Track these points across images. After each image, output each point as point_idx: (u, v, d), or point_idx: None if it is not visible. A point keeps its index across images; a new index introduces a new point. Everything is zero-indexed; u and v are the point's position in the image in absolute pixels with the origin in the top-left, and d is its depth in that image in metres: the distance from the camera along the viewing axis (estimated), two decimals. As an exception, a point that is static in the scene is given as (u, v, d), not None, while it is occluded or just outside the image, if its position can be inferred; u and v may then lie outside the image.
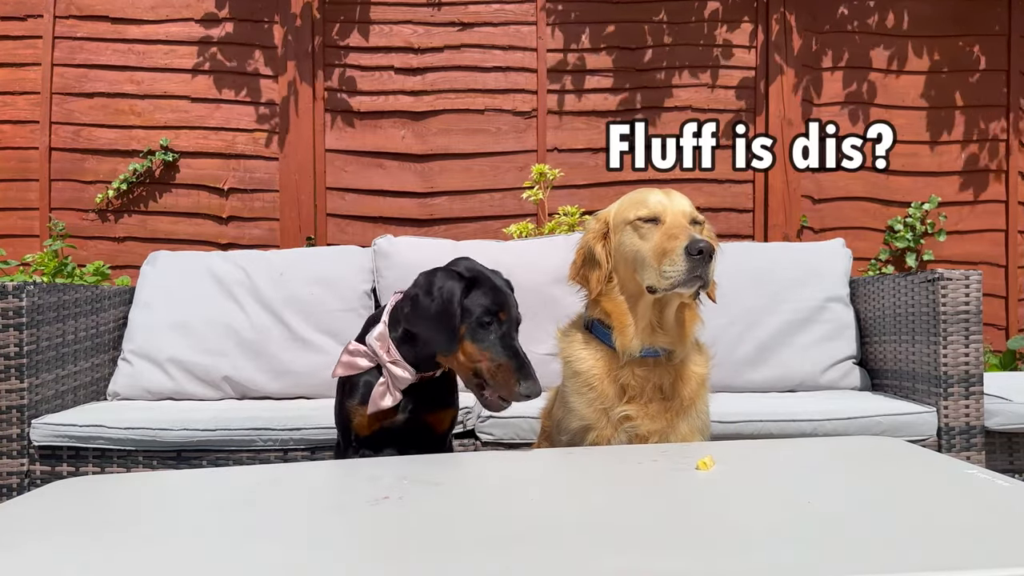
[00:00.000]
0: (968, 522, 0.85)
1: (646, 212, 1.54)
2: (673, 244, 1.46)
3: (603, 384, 1.58)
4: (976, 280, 2.21)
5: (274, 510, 1.07)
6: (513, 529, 0.85)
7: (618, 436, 1.57)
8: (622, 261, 1.57)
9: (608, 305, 1.59)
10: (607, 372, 1.58)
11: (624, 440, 1.57)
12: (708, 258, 1.43)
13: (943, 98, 3.79)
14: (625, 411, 1.55)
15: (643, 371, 1.56)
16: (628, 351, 1.55)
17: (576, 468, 1.18)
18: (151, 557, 0.81)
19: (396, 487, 1.07)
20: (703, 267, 1.43)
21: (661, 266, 1.46)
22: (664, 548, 0.77)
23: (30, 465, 2.19)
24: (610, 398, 1.57)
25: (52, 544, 0.87)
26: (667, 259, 1.45)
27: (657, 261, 1.47)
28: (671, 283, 1.45)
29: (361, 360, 1.61)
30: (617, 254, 1.58)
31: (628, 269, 1.56)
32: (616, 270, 1.59)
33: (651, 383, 1.55)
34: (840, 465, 1.25)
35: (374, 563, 0.77)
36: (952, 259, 3.75)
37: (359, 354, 1.61)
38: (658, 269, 1.47)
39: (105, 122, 3.74)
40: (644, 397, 1.55)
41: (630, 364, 1.56)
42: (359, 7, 3.78)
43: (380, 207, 3.75)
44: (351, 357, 1.62)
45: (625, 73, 3.78)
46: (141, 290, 2.77)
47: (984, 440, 2.19)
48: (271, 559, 0.80)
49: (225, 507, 1.06)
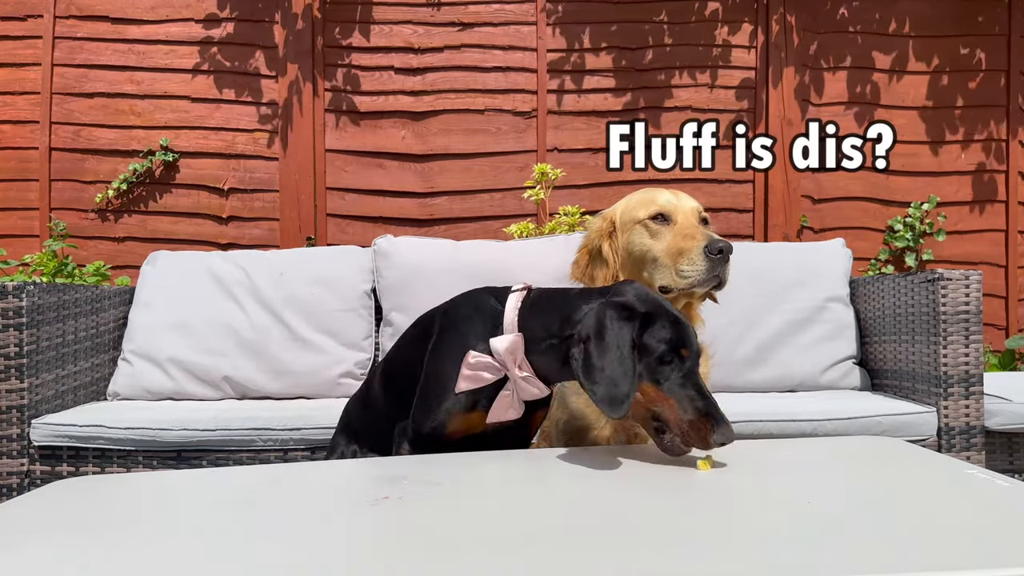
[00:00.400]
0: (968, 522, 0.85)
1: (656, 210, 1.54)
2: (690, 244, 1.46)
3: None
4: (976, 280, 2.21)
5: (274, 510, 1.07)
6: (513, 529, 0.85)
7: (617, 436, 1.57)
8: (630, 260, 1.57)
9: None
10: None
11: (623, 440, 1.57)
12: (726, 258, 1.44)
13: (943, 98, 3.79)
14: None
15: None
16: None
17: (576, 468, 1.18)
18: (151, 557, 0.81)
19: (396, 487, 1.07)
20: (721, 267, 1.44)
21: (678, 265, 1.46)
22: (664, 548, 0.77)
23: (30, 465, 2.19)
24: None
25: (52, 544, 0.87)
26: (684, 259, 1.45)
27: (672, 260, 1.47)
28: (689, 283, 1.45)
29: (486, 374, 1.42)
30: (625, 253, 1.58)
31: (636, 268, 1.56)
32: (622, 268, 1.59)
33: None
34: (840, 465, 1.25)
35: (374, 563, 0.77)
36: (952, 259, 3.75)
37: (482, 367, 1.42)
38: (674, 268, 1.47)
39: (105, 122, 3.74)
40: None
41: None
42: (360, 7, 3.78)
43: (380, 207, 3.75)
44: (474, 371, 1.42)
45: (625, 73, 3.78)
46: (141, 290, 2.77)
47: (984, 440, 2.19)
48: (271, 559, 0.80)
49: (225, 507, 1.06)
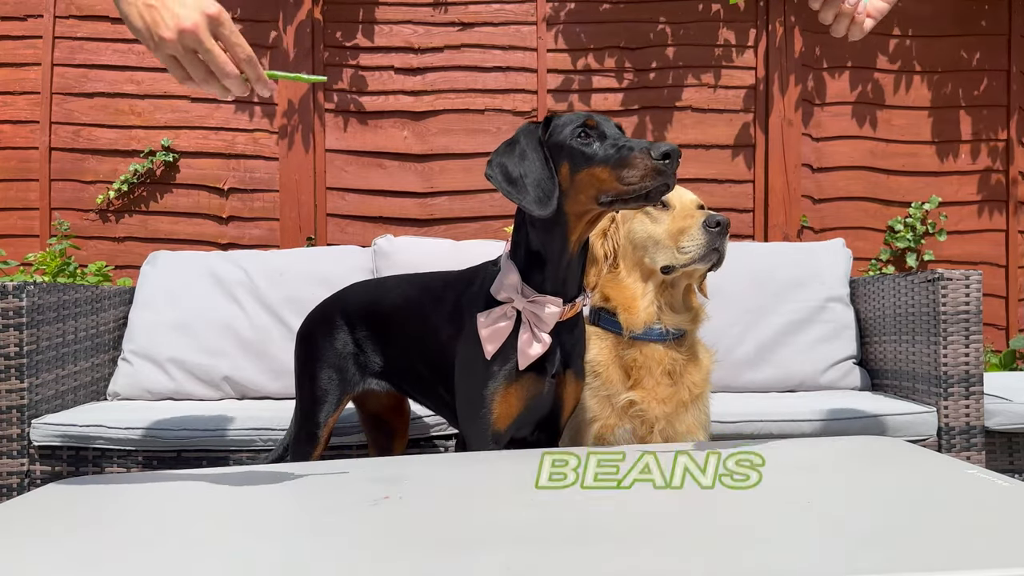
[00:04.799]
0: (968, 522, 0.85)
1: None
2: (689, 222, 1.52)
3: (609, 370, 1.59)
4: (976, 280, 2.21)
5: (274, 510, 1.07)
6: (514, 529, 0.85)
7: (623, 424, 1.57)
8: (631, 247, 1.62)
9: (609, 290, 1.62)
10: (613, 357, 1.59)
11: (629, 427, 1.57)
12: (725, 231, 1.50)
13: (943, 98, 3.79)
14: (630, 396, 1.56)
15: (652, 351, 1.57)
16: (634, 326, 1.56)
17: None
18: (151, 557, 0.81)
19: (396, 487, 1.07)
20: (720, 240, 1.49)
21: (679, 243, 1.52)
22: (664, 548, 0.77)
23: (30, 465, 2.19)
24: (615, 384, 1.58)
25: (51, 544, 0.87)
26: (685, 236, 1.51)
27: (673, 240, 1.53)
28: (690, 257, 1.51)
29: (501, 323, 1.37)
30: (626, 241, 1.63)
31: (638, 254, 1.60)
32: (624, 257, 1.63)
33: (661, 367, 1.56)
34: (840, 465, 1.25)
35: (374, 563, 0.77)
36: (952, 259, 3.75)
37: (496, 319, 1.37)
38: (675, 247, 1.52)
39: (105, 122, 3.74)
40: (652, 379, 1.56)
41: (638, 344, 1.57)
42: (361, 8, 3.78)
43: (380, 207, 3.75)
44: (493, 326, 1.37)
45: (626, 73, 3.78)
46: (141, 290, 2.77)
47: (984, 440, 2.19)
48: (271, 559, 0.80)
49: (225, 507, 1.06)
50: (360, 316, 1.76)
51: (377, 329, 1.74)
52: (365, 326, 1.75)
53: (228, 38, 1.07)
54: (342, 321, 1.77)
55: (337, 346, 1.74)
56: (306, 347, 1.79)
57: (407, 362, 1.70)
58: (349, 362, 1.74)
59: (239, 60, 1.08)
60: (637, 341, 1.57)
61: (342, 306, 1.81)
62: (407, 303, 1.71)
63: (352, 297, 1.83)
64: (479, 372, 1.41)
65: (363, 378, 1.74)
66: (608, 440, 1.59)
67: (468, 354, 1.45)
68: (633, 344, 1.57)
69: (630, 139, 1.31)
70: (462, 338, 1.49)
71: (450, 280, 1.65)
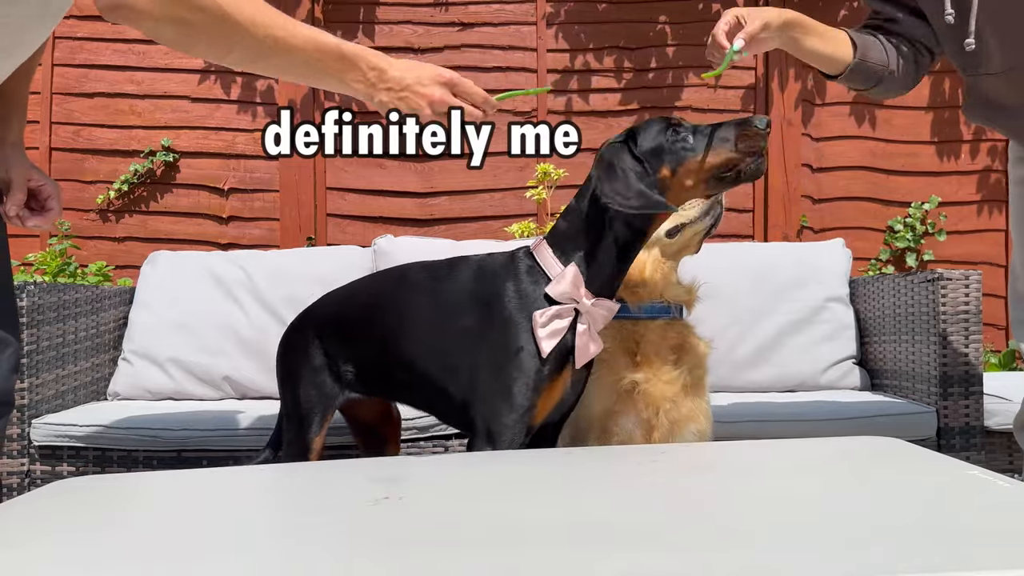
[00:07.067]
0: (968, 522, 0.85)
1: None
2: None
3: (614, 356, 1.59)
4: (976, 280, 2.21)
5: (273, 510, 1.07)
6: (514, 530, 0.85)
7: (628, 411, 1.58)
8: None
9: None
10: (618, 343, 1.60)
11: (631, 425, 1.58)
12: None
13: (943, 98, 3.79)
14: (635, 377, 1.57)
15: (657, 326, 1.60)
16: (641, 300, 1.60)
17: (576, 468, 1.18)
18: (151, 557, 0.81)
19: (396, 487, 1.07)
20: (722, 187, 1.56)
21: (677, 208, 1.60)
22: (664, 548, 0.77)
23: (30, 465, 2.19)
24: (621, 369, 1.58)
25: (52, 544, 0.87)
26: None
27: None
28: (697, 212, 1.63)
29: (557, 322, 1.40)
30: None
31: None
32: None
33: (666, 343, 1.59)
34: (840, 465, 1.25)
35: (374, 563, 0.77)
36: (952, 259, 3.74)
37: (553, 317, 1.40)
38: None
39: (105, 122, 3.74)
40: (659, 359, 1.58)
41: (643, 322, 1.60)
42: (361, 8, 3.78)
43: (380, 207, 3.75)
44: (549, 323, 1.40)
45: (626, 73, 3.78)
46: (141, 290, 2.78)
47: (984, 440, 2.19)
48: (270, 559, 0.80)
49: (224, 507, 1.06)
50: (330, 326, 1.71)
51: (347, 335, 1.69)
52: (336, 336, 1.69)
53: (465, 92, 1.42)
54: (313, 335, 1.71)
55: (314, 363, 1.68)
56: (283, 366, 1.75)
57: (384, 365, 1.65)
58: (325, 376, 1.68)
59: (478, 103, 1.44)
60: (641, 320, 1.60)
61: (312, 320, 1.76)
62: (379, 299, 1.66)
63: (321, 309, 1.78)
64: (525, 368, 1.42)
65: (341, 390, 1.68)
66: (614, 430, 1.59)
67: (509, 349, 1.43)
68: (637, 322, 1.60)
69: (709, 124, 1.49)
70: (494, 332, 1.46)
71: (437, 268, 1.61)
